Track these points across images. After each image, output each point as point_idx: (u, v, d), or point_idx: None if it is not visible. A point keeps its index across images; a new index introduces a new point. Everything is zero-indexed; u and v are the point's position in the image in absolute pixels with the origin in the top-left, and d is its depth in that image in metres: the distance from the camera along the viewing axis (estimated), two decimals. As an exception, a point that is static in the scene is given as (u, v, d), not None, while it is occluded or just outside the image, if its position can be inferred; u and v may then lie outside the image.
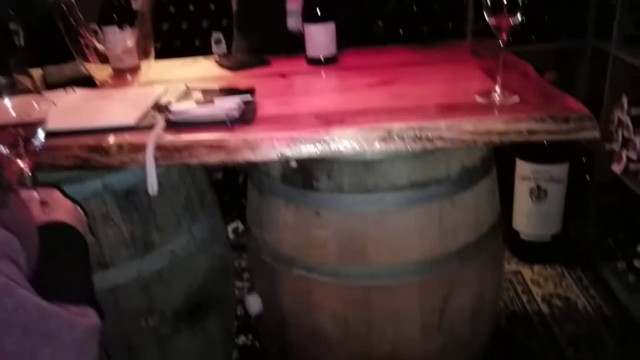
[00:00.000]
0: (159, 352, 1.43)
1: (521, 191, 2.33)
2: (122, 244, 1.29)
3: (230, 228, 2.66)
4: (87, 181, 1.24)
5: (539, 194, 2.27)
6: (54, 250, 0.76)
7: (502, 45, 1.16)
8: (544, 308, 2.19)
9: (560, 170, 2.25)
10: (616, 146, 2.16)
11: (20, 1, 2.66)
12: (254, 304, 1.48)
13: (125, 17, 1.68)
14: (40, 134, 0.84)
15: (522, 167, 2.29)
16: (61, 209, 0.84)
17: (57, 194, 0.87)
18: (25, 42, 2.53)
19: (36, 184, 0.87)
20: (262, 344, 1.94)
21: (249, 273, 1.68)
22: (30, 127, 0.83)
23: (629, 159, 2.07)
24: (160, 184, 1.33)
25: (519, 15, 1.11)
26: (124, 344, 1.37)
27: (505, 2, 1.12)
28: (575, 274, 2.37)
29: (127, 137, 1.12)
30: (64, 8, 1.94)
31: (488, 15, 1.13)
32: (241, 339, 2.11)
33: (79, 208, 0.89)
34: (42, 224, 0.78)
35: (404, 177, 1.21)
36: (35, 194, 0.84)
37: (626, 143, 2.09)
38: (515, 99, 1.16)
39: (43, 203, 0.83)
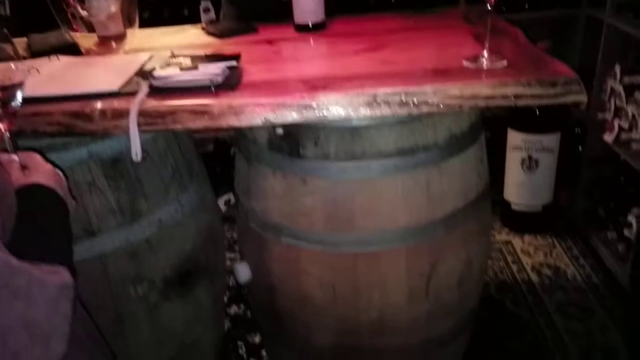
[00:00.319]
0: (148, 320, 1.43)
1: (512, 161, 2.33)
2: (109, 212, 1.29)
3: (221, 200, 2.66)
4: (72, 149, 1.23)
5: (530, 163, 2.27)
6: (30, 211, 0.75)
7: (489, 8, 1.14)
8: (534, 277, 2.20)
9: (551, 140, 2.25)
10: (608, 115, 2.16)
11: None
12: (243, 272, 1.48)
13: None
14: (19, 96, 0.83)
15: (514, 137, 2.29)
16: (41, 172, 0.83)
17: (37, 158, 0.86)
18: (10, 10, 2.50)
19: (16, 147, 0.86)
20: (253, 313, 1.96)
21: (238, 242, 1.69)
22: (8, 90, 0.82)
23: (620, 128, 2.06)
24: (146, 152, 1.33)
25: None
26: (114, 311, 1.37)
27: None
28: (565, 244, 2.38)
29: (110, 103, 1.11)
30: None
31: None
32: (233, 309, 2.12)
33: (59, 172, 0.88)
34: (21, 186, 0.78)
35: (390, 144, 1.21)
36: (15, 157, 0.83)
37: (618, 112, 2.09)
38: (502, 63, 1.15)
39: (23, 167, 0.82)
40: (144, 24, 2.45)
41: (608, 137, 2.11)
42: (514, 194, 2.39)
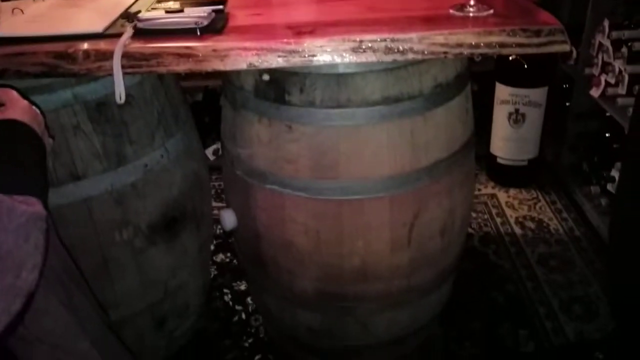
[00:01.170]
0: (134, 265, 1.46)
1: (500, 115, 2.34)
2: (94, 156, 1.29)
3: (210, 150, 2.66)
4: (57, 91, 1.22)
5: (517, 118, 2.29)
6: (3, 143, 0.76)
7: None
8: (517, 230, 2.25)
9: (539, 95, 2.26)
10: (595, 71, 2.16)
11: None
12: (228, 218, 1.50)
13: None
14: None
15: (502, 91, 2.29)
16: (17, 108, 0.83)
17: (13, 93, 0.86)
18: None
19: None
20: (239, 260, 1.99)
21: (223, 189, 1.70)
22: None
23: (607, 83, 2.07)
24: (132, 96, 1.33)
25: None
26: (99, 255, 1.39)
27: None
28: (549, 198, 2.42)
29: (94, 44, 1.09)
30: None
31: None
32: (219, 257, 2.15)
33: (36, 109, 0.88)
34: None
35: (376, 92, 1.21)
36: None
37: (605, 67, 2.09)
38: (489, 12, 1.14)
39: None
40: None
41: (594, 92, 2.11)
42: (500, 148, 2.41)
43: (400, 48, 1.06)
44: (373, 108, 1.22)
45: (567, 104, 2.39)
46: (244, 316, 1.90)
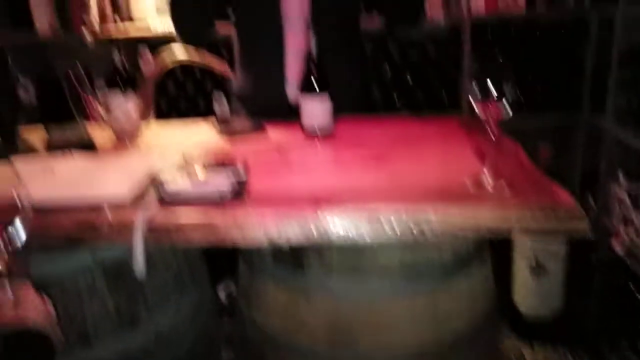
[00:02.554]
0: None
1: (520, 267, 2.30)
2: (106, 317, 1.27)
3: (222, 289, 2.62)
4: (77, 255, 1.23)
5: (538, 270, 2.25)
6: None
7: (493, 138, 1.16)
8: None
9: (559, 245, 2.23)
10: (616, 222, 2.15)
11: (32, 60, 2.76)
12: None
13: (128, 83, 1.71)
14: (20, 234, 0.84)
15: (521, 243, 2.27)
16: (30, 306, 0.84)
17: (29, 290, 0.88)
18: (34, 99, 2.60)
19: (12, 279, 0.87)
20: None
21: (234, 349, 1.67)
22: (10, 230, 0.84)
23: (628, 237, 2.05)
24: (151, 257, 1.33)
25: (507, 106, 1.12)
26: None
27: (493, 89, 1.12)
28: (577, 355, 2.31)
29: (119, 214, 1.12)
30: (71, 71, 2.00)
31: (474, 100, 1.14)
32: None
33: (49, 304, 0.89)
34: (10, 322, 0.78)
35: (395, 262, 1.20)
36: (9, 293, 0.84)
37: (625, 220, 2.08)
38: (505, 188, 1.16)
39: (15, 303, 0.84)
40: (159, 114, 2.53)
41: (617, 247, 2.09)
42: (522, 301, 2.34)
43: (419, 229, 1.07)
44: (392, 278, 1.21)
45: (589, 254, 2.36)
46: None
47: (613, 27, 2.28)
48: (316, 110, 1.59)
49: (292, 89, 1.85)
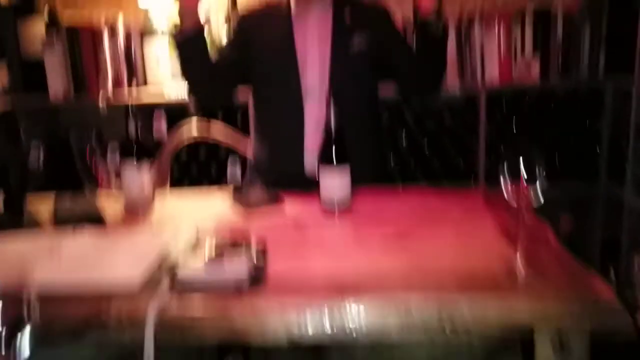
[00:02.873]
0: None
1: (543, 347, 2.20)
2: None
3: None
4: (81, 349, 1.16)
5: (561, 350, 2.14)
6: None
7: (523, 223, 1.11)
8: None
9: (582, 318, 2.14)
10: (639, 294, 2.07)
11: (44, 125, 2.75)
12: None
13: (143, 153, 1.67)
14: (26, 348, 0.78)
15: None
16: None
17: None
18: (43, 165, 2.58)
19: None
20: None
21: None
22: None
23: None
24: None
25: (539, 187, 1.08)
26: None
27: (524, 169, 1.08)
28: None
29: (128, 303, 1.05)
30: (83, 137, 1.98)
31: (504, 185, 1.10)
32: None
33: None
34: None
35: (423, 356, 1.13)
36: None
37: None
38: (539, 278, 1.10)
39: None
40: (173, 182, 2.49)
41: (642, 323, 2.00)
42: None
43: (450, 327, 1.00)
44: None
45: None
46: None
47: (629, 97, 2.27)
48: (335, 183, 1.55)
49: (310, 160, 1.81)
